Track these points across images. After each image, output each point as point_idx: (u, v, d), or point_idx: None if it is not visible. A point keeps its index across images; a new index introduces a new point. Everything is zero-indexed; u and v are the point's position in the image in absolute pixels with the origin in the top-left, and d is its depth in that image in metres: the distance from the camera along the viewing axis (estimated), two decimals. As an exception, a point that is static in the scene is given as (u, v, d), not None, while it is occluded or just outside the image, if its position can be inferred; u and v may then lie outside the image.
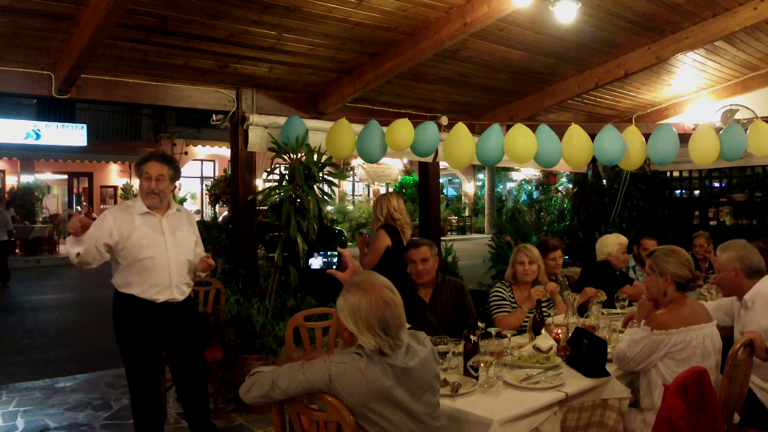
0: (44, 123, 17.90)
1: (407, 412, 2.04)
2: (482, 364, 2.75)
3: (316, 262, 2.72)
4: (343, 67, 5.20)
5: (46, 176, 20.69)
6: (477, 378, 2.75)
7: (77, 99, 4.76)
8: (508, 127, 5.07)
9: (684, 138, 5.34)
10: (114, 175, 21.98)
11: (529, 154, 4.97)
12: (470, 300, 3.93)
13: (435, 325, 3.73)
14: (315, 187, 4.89)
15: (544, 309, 3.85)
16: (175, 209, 3.60)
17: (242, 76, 5.15)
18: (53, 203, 20.95)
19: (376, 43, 4.79)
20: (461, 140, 4.98)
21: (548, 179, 13.32)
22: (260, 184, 7.41)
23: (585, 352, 2.95)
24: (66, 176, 21.51)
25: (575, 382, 2.82)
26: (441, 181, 9.46)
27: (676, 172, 8.21)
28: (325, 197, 5.01)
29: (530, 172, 22.62)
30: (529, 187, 20.13)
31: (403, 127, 4.90)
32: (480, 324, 3.09)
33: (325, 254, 2.70)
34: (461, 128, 5.00)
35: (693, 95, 7.21)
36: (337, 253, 2.64)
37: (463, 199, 29.37)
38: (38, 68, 4.46)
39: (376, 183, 24.39)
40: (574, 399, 2.75)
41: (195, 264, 3.62)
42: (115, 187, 21.91)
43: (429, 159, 5.99)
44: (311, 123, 5.26)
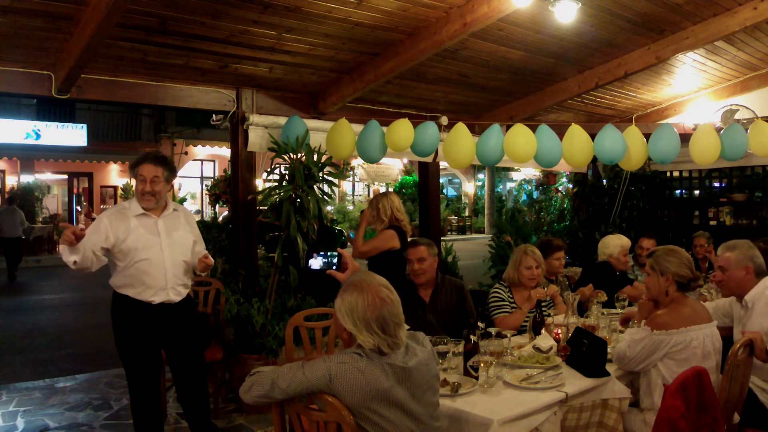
0: (44, 123, 17.86)
1: (407, 412, 2.04)
2: (482, 364, 2.75)
3: (316, 263, 2.73)
4: (343, 67, 5.20)
5: (46, 176, 20.65)
6: (477, 378, 2.75)
7: (77, 99, 4.75)
8: (508, 127, 5.07)
9: (684, 138, 5.34)
10: (114, 175, 21.95)
11: (529, 154, 4.97)
12: (470, 300, 3.92)
13: (435, 325, 3.73)
14: (315, 187, 4.88)
15: (544, 309, 3.85)
16: (171, 209, 3.57)
17: (242, 76, 5.15)
18: (53, 203, 20.92)
19: (376, 43, 4.79)
20: (461, 140, 4.98)
21: (548, 179, 13.30)
22: (260, 184, 7.41)
23: (585, 352, 2.95)
24: (66, 176, 21.46)
25: (575, 382, 2.82)
26: (441, 181, 9.47)
27: (676, 172, 8.20)
28: (325, 197, 5.00)
29: (530, 172, 22.60)
30: (529, 187, 20.11)
31: (403, 127, 4.90)
32: (480, 324, 3.09)
33: (325, 254, 2.71)
34: (461, 128, 4.99)
35: (693, 95, 7.21)
36: (337, 254, 2.64)
37: (463, 199, 29.36)
38: (38, 68, 4.46)
39: (376, 183, 24.36)
40: (574, 399, 2.74)
41: (193, 264, 3.59)
42: (115, 187, 21.88)
43: (429, 159, 5.98)
44: (311, 123, 5.25)
